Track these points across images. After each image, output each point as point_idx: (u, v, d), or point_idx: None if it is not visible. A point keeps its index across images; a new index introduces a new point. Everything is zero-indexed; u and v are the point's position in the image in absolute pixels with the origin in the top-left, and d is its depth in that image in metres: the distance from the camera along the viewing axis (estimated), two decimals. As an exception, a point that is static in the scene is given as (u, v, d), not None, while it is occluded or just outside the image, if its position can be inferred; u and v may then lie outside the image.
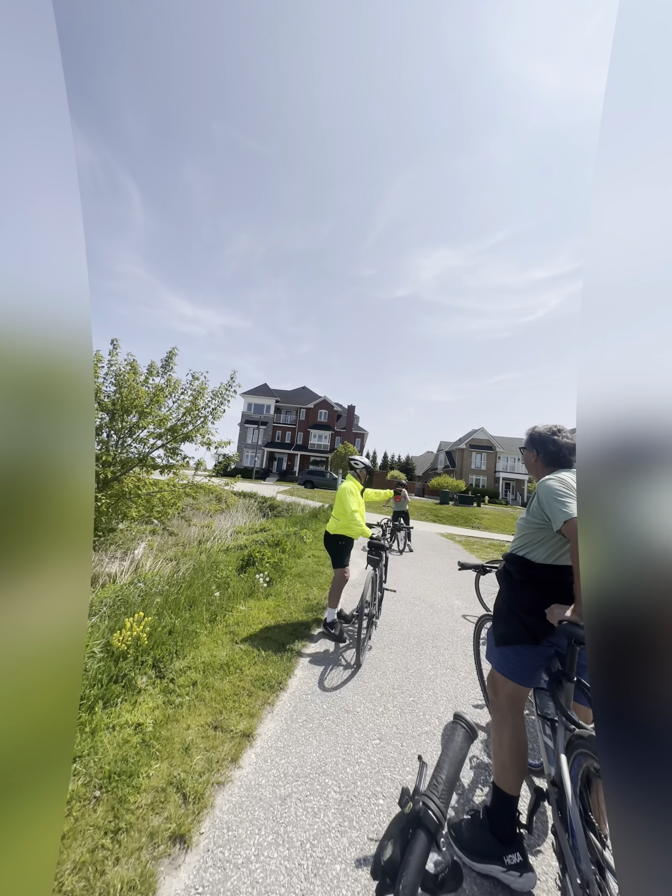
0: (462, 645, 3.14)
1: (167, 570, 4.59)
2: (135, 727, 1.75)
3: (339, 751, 1.76)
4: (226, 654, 2.52)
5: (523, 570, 1.40)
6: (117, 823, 1.26)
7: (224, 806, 1.40)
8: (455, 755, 0.56)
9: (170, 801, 1.38)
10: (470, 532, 13.27)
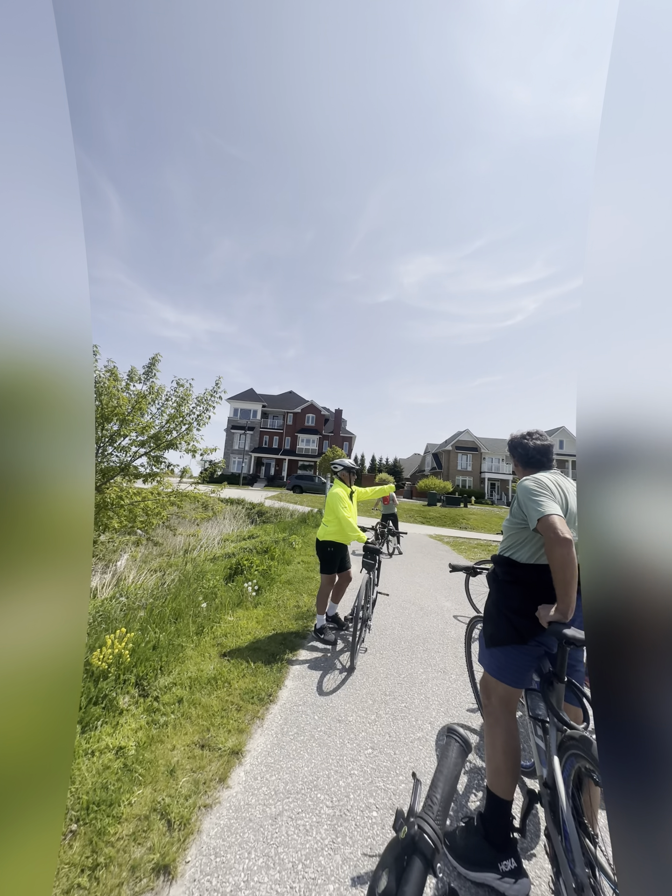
0: (452, 647, 3.15)
1: (151, 583, 4.44)
2: (116, 751, 1.66)
3: (331, 763, 1.72)
4: (213, 668, 2.44)
5: (509, 570, 1.42)
6: (95, 859, 1.18)
7: (211, 830, 1.34)
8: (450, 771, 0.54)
9: (153, 830, 1.31)
10: (458, 533, 13.44)
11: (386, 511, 8.01)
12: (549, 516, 1.21)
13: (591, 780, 1.06)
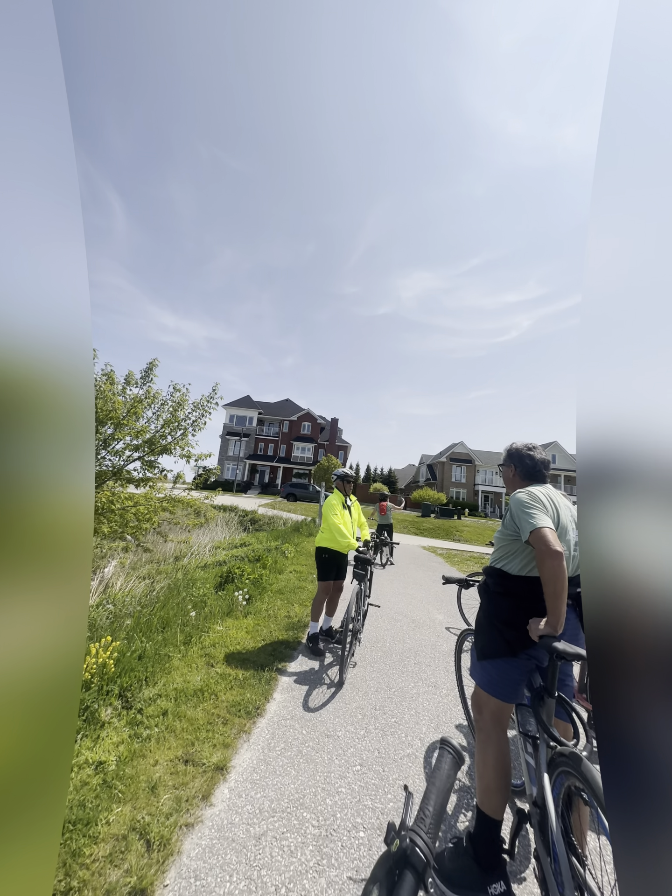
0: (444, 661, 3.12)
1: (140, 590, 4.35)
2: (95, 766, 1.60)
3: (318, 780, 1.67)
4: (200, 679, 2.38)
5: (500, 582, 1.42)
6: (68, 882, 1.13)
7: (192, 851, 1.29)
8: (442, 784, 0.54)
9: (131, 850, 1.25)
10: (451, 545, 13.41)
11: (382, 521, 7.99)
12: (542, 529, 1.22)
13: (580, 798, 1.05)
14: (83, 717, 1.85)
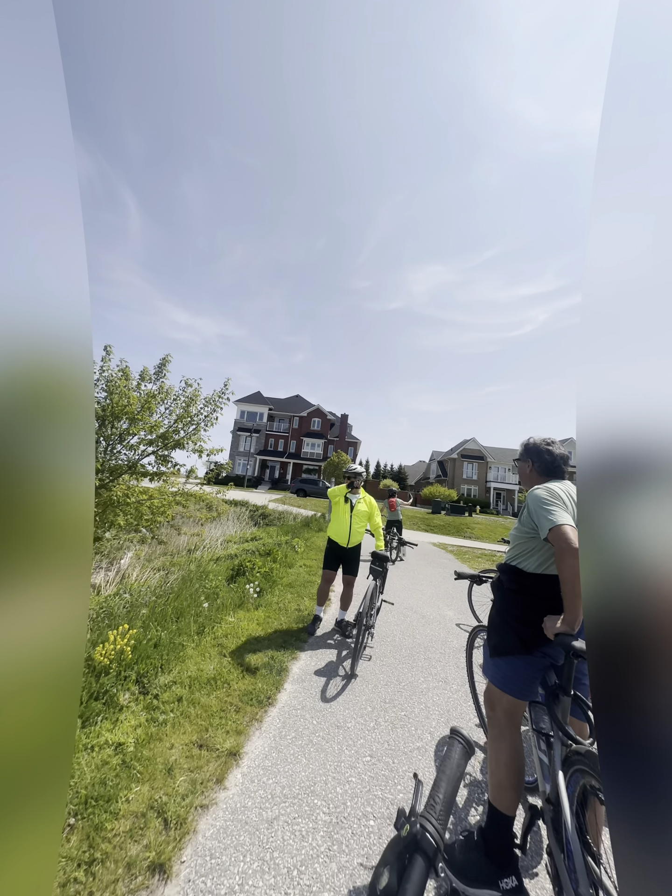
0: (454, 657, 3.11)
1: (155, 581, 4.47)
2: (115, 747, 1.66)
3: (328, 769, 1.70)
4: (213, 668, 2.44)
5: (515, 579, 1.40)
6: (92, 854, 1.19)
7: (207, 831, 1.33)
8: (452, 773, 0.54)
9: (150, 828, 1.31)
10: (462, 542, 13.29)
11: (391, 517, 7.97)
12: (561, 526, 1.20)
13: (596, 798, 1.03)
14: (103, 700, 1.92)
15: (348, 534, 3.25)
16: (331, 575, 3.34)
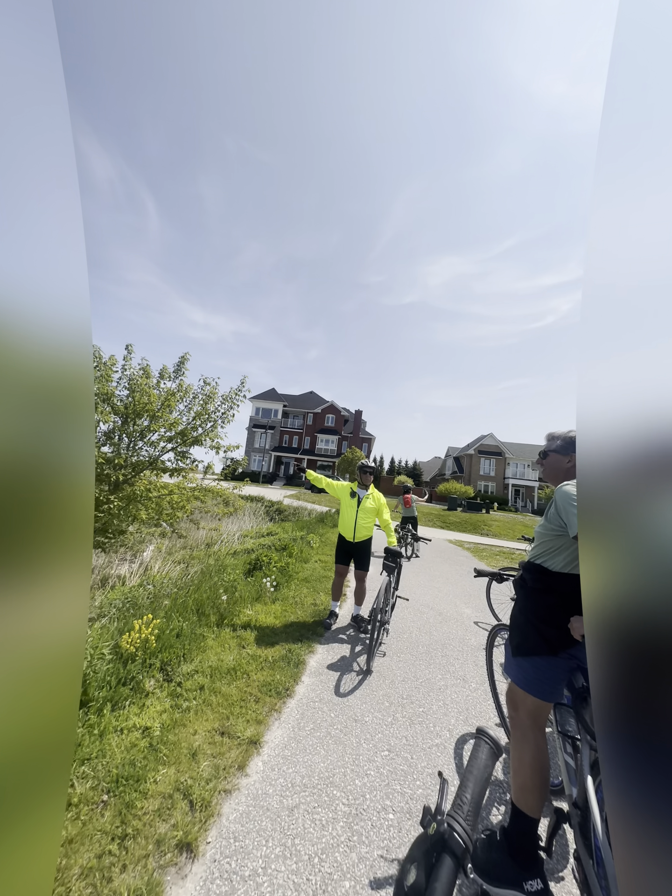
0: (473, 655, 3.06)
1: (175, 573, 4.61)
2: (142, 731, 1.74)
3: (347, 761, 1.72)
4: (233, 659, 2.50)
5: (540, 578, 1.36)
6: (124, 829, 1.25)
7: (231, 815, 1.38)
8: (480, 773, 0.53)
9: (176, 808, 1.36)
10: (479, 539, 13.05)
11: (406, 514, 7.91)
12: None
13: None
14: (130, 686, 2.01)
15: (354, 528, 3.29)
16: (343, 569, 3.42)
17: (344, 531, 3.38)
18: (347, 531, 3.34)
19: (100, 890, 1.06)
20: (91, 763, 1.50)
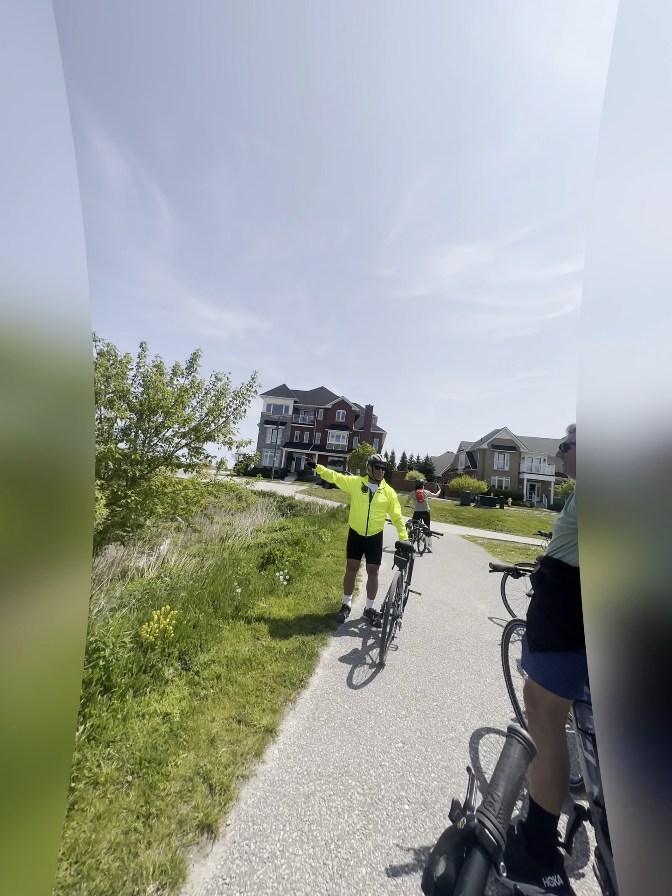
0: (487, 650, 3.04)
1: (191, 566, 4.73)
2: (163, 716, 1.80)
3: (361, 752, 1.74)
4: (248, 650, 2.56)
5: (559, 573, 1.33)
6: (148, 808, 1.30)
7: (249, 799, 1.41)
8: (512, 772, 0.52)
9: (197, 791, 1.41)
10: (492, 534, 12.86)
11: (418, 509, 7.86)
12: None
13: None
14: (150, 673, 2.08)
15: (366, 523, 3.29)
16: (354, 563, 3.44)
17: (356, 525, 3.38)
18: (359, 525, 3.34)
19: (127, 864, 1.11)
20: (115, 745, 1.57)
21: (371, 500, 3.31)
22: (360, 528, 3.34)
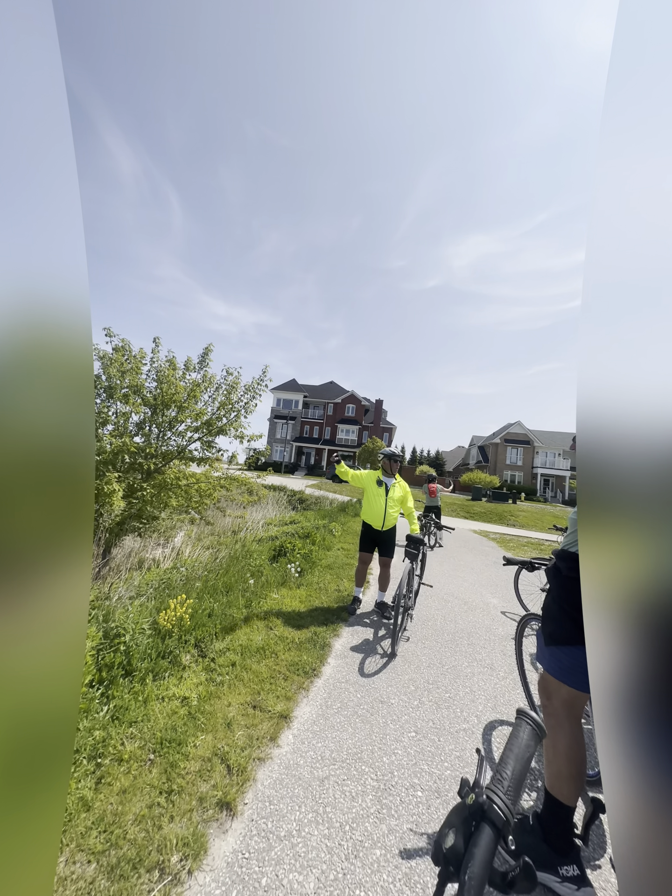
0: (500, 644, 3.02)
1: (205, 558, 4.84)
2: (181, 700, 1.86)
3: (374, 740, 1.76)
4: (261, 639, 2.61)
5: (575, 566, 1.30)
6: (170, 785, 1.36)
7: (265, 781, 1.46)
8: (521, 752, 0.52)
9: (215, 771, 1.46)
10: (505, 529, 12.69)
11: (429, 503, 7.81)
12: None
13: None
14: (168, 659, 2.15)
15: (383, 517, 3.28)
16: (367, 557, 3.43)
17: (372, 520, 3.34)
18: (376, 520, 3.31)
19: (152, 835, 1.17)
20: (137, 725, 1.63)
21: (388, 494, 3.29)
22: (376, 522, 3.31)
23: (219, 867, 1.12)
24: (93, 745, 1.45)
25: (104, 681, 1.79)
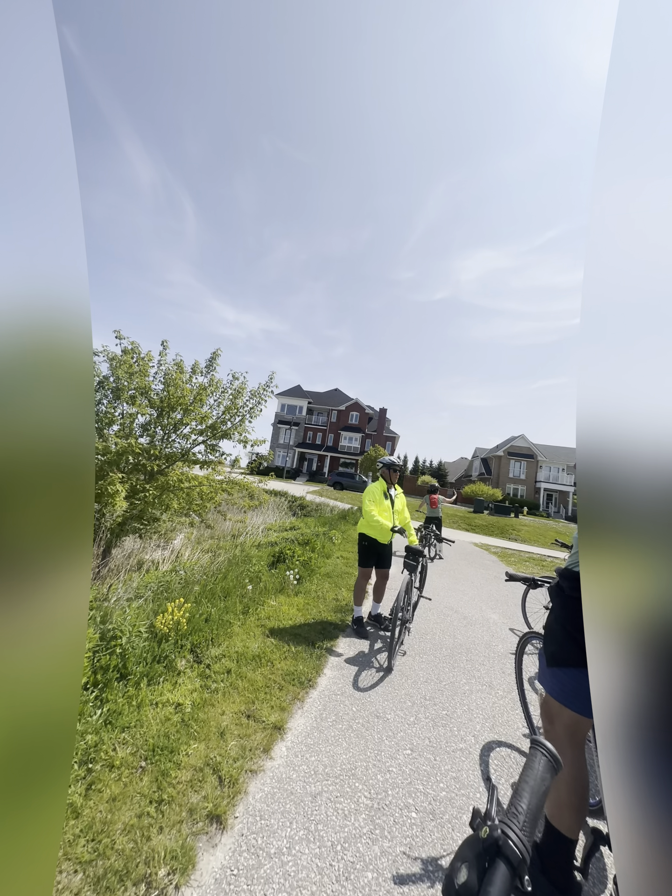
0: (500, 662, 2.96)
1: (204, 561, 4.82)
2: (175, 706, 1.84)
3: (369, 756, 1.73)
4: (258, 647, 2.58)
5: (578, 585, 1.29)
6: (160, 795, 1.33)
7: (257, 794, 1.43)
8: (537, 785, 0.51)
9: (207, 782, 1.43)
10: (506, 543, 12.53)
11: (430, 514, 7.75)
12: None
13: None
14: (163, 664, 2.13)
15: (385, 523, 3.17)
16: (368, 572, 3.28)
17: (377, 534, 3.18)
18: (385, 535, 3.16)
19: (140, 846, 1.15)
20: (130, 731, 1.62)
21: (394, 508, 3.22)
22: (383, 536, 3.17)
23: (206, 883, 1.10)
24: (84, 749, 1.43)
25: (99, 683, 1.78)
